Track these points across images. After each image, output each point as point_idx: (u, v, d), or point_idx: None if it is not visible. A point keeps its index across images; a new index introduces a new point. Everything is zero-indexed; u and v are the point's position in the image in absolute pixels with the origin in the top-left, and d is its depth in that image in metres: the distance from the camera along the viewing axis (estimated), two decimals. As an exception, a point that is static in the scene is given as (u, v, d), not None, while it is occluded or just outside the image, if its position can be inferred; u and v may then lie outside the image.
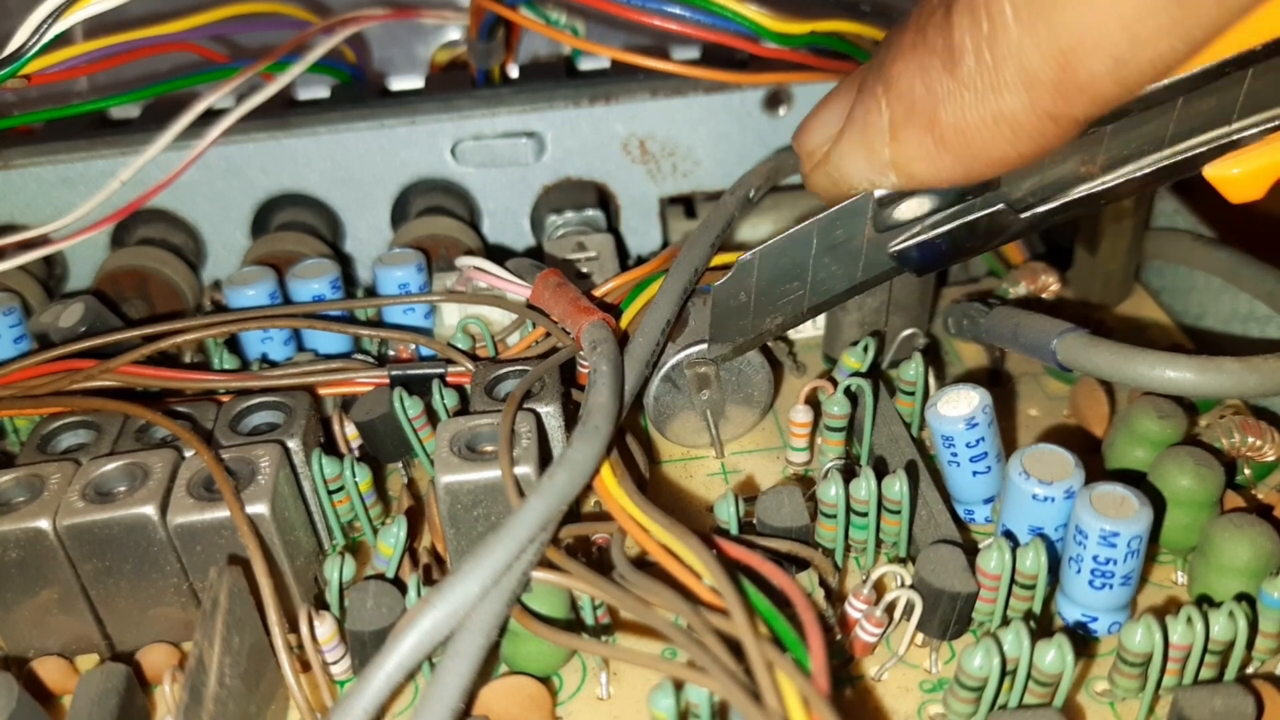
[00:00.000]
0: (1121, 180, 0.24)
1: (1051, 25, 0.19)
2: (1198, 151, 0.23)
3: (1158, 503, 0.26)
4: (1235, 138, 0.23)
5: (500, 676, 0.24)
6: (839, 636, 0.24)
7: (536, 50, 0.43)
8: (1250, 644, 0.23)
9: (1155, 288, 0.38)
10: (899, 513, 0.26)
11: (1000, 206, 0.25)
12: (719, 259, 0.31)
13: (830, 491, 0.25)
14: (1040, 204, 0.25)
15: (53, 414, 0.28)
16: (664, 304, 0.29)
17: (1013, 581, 0.24)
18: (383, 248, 0.38)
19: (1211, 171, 0.24)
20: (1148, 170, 0.24)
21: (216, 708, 0.21)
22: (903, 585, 0.24)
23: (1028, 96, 0.20)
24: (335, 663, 0.24)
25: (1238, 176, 0.23)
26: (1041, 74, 0.20)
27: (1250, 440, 0.28)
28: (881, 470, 0.26)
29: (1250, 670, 0.24)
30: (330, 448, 0.29)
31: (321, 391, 0.30)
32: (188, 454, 0.26)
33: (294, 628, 0.24)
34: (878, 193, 0.24)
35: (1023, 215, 0.25)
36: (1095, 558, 0.24)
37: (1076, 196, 0.24)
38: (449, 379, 0.29)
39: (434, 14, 0.42)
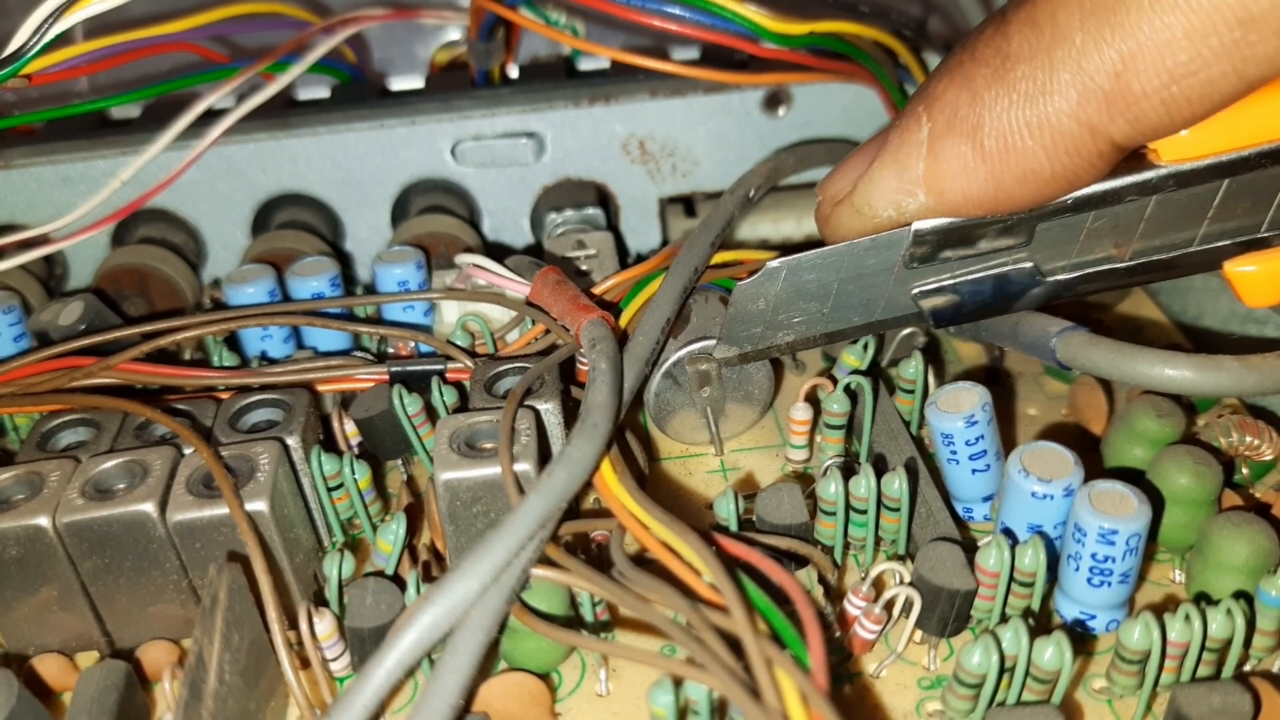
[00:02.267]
0: (1147, 261, 0.25)
1: (1119, 28, 0.20)
2: (1223, 245, 0.25)
3: (1156, 501, 0.26)
4: (1261, 236, 0.24)
5: (499, 673, 0.24)
6: (838, 633, 0.24)
7: (536, 51, 0.43)
8: (1248, 642, 0.23)
9: (1153, 287, 0.38)
10: (898, 510, 0.26)
11: (1028, 265, 0.25)
12: (719, 257, 0.31)
13: (830, 489, 0.25)
14: (1065, 273, 0.25)
15: (52, 411, 0.28)
16: (664, 302, 0.29)
17: (1011, 579, 0.24)
18: (382, 248, 0.38)
19: (1231, 267, 0.24)
20: (1173, 255, 0.25)
21: (216, 704, 0.21)
22: (902, 582, 0.24)
23: (1078, 102, 0.21)
24: (335, 659, 0.24)
25: (1254, 274, 0.24)
26: (1096, 79, 0.20)
27: (1248, 439, 0.28)
28: (881, 468, 0.26)
29: (1248, 668, 0.24)
30: (329, 445, 0.29)
31: (321, 389, 0.30)
32: (187, 451, 0.26)
33: (293, 624, 0.24)
34: (915, 225, 0.24)
35: (1048, 278, 0.25)
36: (1094, 555, 0.24)
37: (1102, 270, 0.25)
38: (448, 376, 0.29)
39: (434, 14, 0.42)
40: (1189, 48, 0.19)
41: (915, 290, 0.26)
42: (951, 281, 0.26)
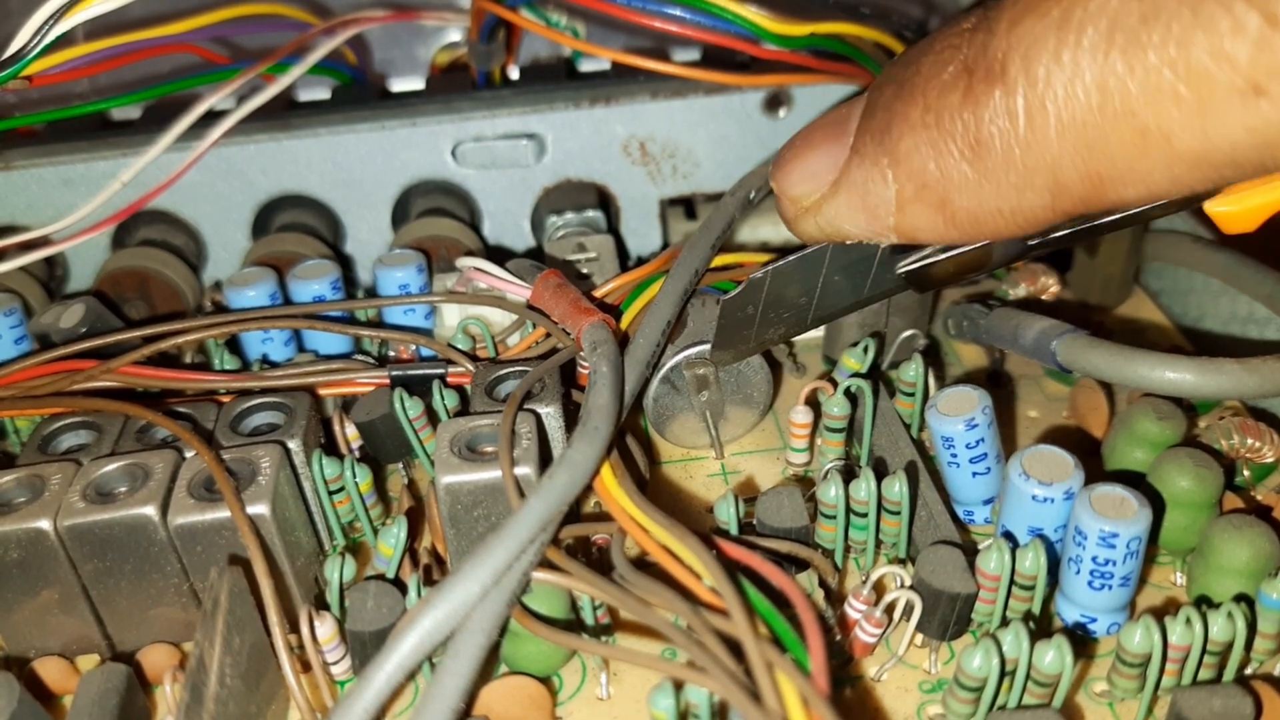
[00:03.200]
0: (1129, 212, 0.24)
1: (1096, 156, 0.19)
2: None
3: (1157, 504, 0.26)
4: None
5: (500, 677, 0.24)
6: (838, 637, 0.24)
7: (537, 52, 0.43)
8: (1249, 645, 0.23)
9: (1154, 290, 0.38)
10: (899, 513, 0.26)
11: None
12: (719, 260, 0.31)
13: (830, 492, 0.26)
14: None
15: (53, 414, 0.28)
16: (664, 305, 0.29)
17: (1012, 582, 0.24)
18: (383, 249, 0.38)
19: (1211, 205, 0.24)
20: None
21: (217, 708, 0.21)
22: (902, 586, 0.24)
23: (1051, 201, 0.20)
24: (336, 663, 0.24)
25: (1234, 212, 0.24)
26: (1072, 189, 0.19)
27: (1249, 442, 0.28)
28: (881, 471, 0.26)
29: (1249, 671, 0.24)
30: (331, 448, 0.29)
31: (322, 392, 0.30)
32: (188, 454, 0.26)
33: (294, 628, 0.24)
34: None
35: (1030, 241, 0.24)
36: (1094, 558, 0.24)
37: (1082, 225, 0.24)
38: (449, 379, 0.29)
39: (435, 16, 0.42)
40: (1168, 181, 0.19)
41: (901, 269, 0.25)
42: (938, 258, 0.25)
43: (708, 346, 0.29)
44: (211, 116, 0.35)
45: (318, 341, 0.34)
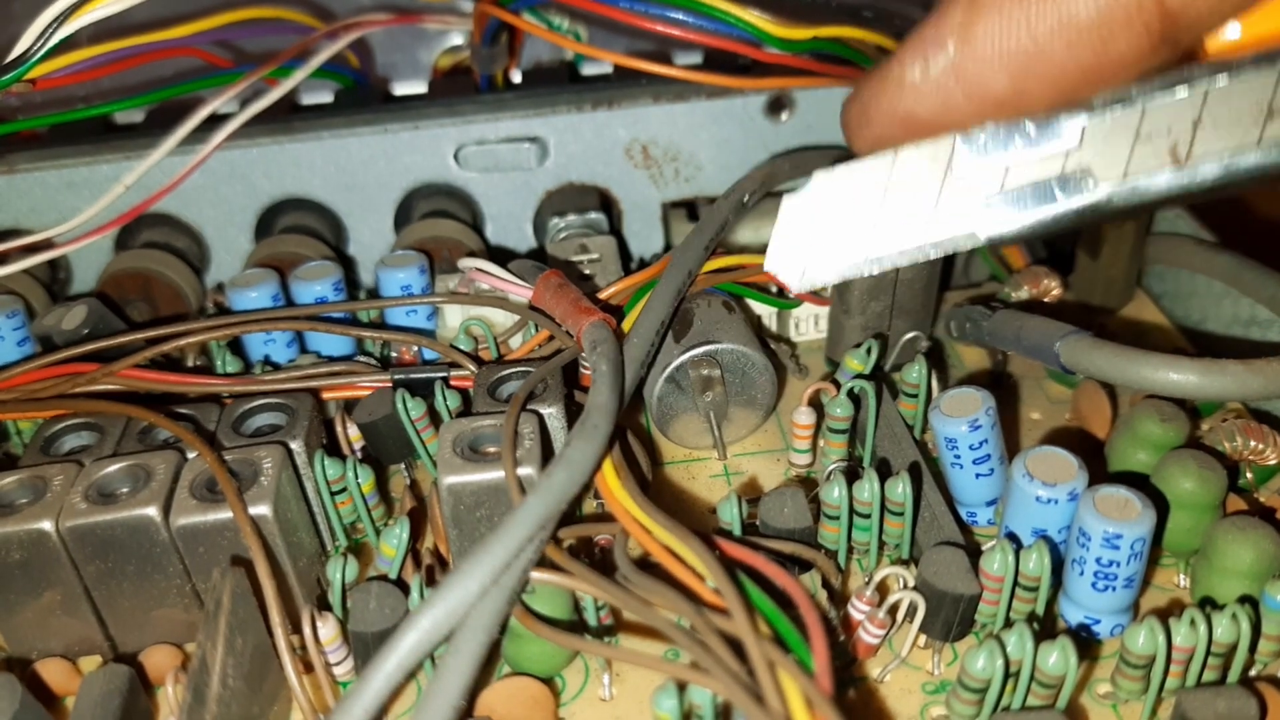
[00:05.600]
0: (1209, 167, 0.22)
1: None
2: None
3: (1160, 505, 0.26)
4: None
5: (503, 678, 0.24)
6: (842, 638, 0.24)
7: (539, 55, 0.44)
8: (1253, 646, 0.23)
9: (1157, 292, 0.38)
10: (902, 514, 0.26)
11: (1079, 169, 0.23)
12: (722, 261, 0.31)
13: (833, 493, 0.25)
14: (1122, 182, 0.23)
15: (56, 416, 0.28)
16: (658, 305, 0.29)
17: (1016, 583, 0.24)
18: (385, 251, 0.38)
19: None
20: (1236, 160, 0.22)
21: (219, 709, 0.21)
22: (905, 587, 0.24)
23: None
24: (338, 664, 0.24)
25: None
26: None
27: (1252, 444, 0.28)
28: (884, 472, 0.26)
29: (1253, 672, 0.24)
30: (333, 449, 0.29)
31: (324, 395, 0.30)
32: (190, 455, 0.26)
33: (297, 629, 0.24)
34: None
35: (1101, 182, 0.23)
36: (1098, 560, 0.24)
37: (1163, 177, 0.23)
38: (452, 381, 0.29)
39: (437, 19, 0.43)
40: None
41: (967, 204, 0.23)
42: (1001, 192, 0.23)
43: (713, 346, 0.29)
44: (215, 120, 0.35)
45: (320, 343, 0.34)
